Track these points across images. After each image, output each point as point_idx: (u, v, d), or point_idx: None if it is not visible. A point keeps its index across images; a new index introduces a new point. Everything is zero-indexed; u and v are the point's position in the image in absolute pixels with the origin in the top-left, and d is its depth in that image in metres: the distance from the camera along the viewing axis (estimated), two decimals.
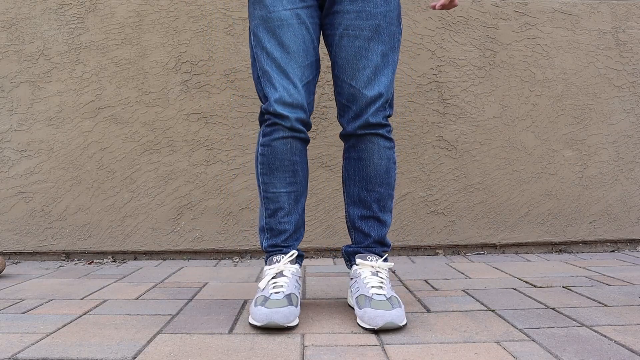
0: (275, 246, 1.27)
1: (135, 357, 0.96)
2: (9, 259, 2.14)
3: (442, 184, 2.16)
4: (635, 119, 2.24)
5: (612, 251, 2.22)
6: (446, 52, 2.17)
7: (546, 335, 1.06)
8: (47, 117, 2.12)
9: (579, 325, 1.13)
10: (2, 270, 1.77)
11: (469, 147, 2.17)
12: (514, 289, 1.49)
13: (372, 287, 1.17)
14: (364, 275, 1.22)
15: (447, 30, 2.17)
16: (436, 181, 2.16)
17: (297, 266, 1.25)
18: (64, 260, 2.13)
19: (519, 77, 2.19)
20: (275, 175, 1.25)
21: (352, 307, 1.27)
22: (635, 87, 2.24)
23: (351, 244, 1.33)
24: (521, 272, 1.76)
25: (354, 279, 1.25)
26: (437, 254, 2.17)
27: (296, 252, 1.25)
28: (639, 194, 2.24)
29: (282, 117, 1.20)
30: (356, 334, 1.08)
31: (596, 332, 1.08)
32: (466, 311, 1.25)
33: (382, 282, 1.19)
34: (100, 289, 1.56)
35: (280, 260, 1.24)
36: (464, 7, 2.18)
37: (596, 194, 2.22)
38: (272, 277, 1.20)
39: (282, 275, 1.20)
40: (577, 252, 2.20)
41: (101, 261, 2.09)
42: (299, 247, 2.09)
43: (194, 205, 2.11)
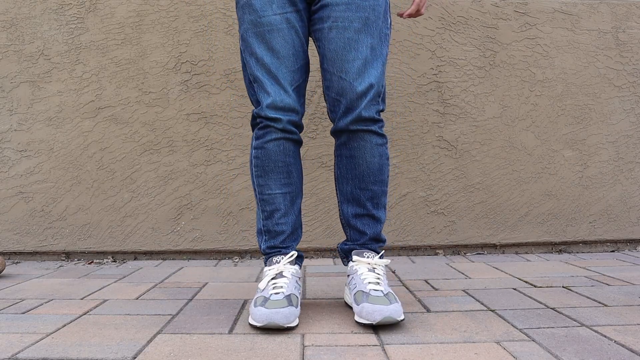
0: (273, 248, 1.27)
1: (135, 357, 0.96)
2: (9, 259, 2.14)
3: (442, 184, 2.16)
4: (635, 119, 2.24)
5: (612, 251, 2.22)
6: (446, 52, 2.17)
7: (546, 335, 1.06)
8: (47, 117, 2.12)
9: (579, 325, 1.13)
10: (2, 270, 1.77)
11: (469, 147, 2.17)
12: (514, 289, 1.49)
13: (369, 283, 1.17)
14: (360, 271, 1.22)
15: (447, 30, 2.17)
16: (436, 181, 2.16)
17: (297, 267, 1.25)
18: (64, 260, 2.13)
19: (519, 77, 2.19)
20: (269, 176, 1.25)
21: (349, 305, 1.27)
22: (635, 87, 2.24)
23: (346, 240, 1.33)
24: (521, 272, 1.76)
25: (350, 276, 1.25)
26: (437, 254, 2.17)
27: (296, 253, 1.25)
28: (639, 194, 2.24)
29: (275, 119, 1.21)
30: (356, 334, 1.08)
31: (596, 332, 1.08)
32: (466, 311, 1.25)
33: (379, 278, 1.20)
34: (100, 289, 1.56)
35: (280, 260, 1.24)
36: (464, 7, 2.18)
37: (596, 194, 2.22)
38: (272, 278, 1.20)
39: (282, 275, 1.20)
40: (577, 252, 2.20)
41: (101, 261, 2.09)
42: (299, 247, 2.10)
43: (194, 205, 2.11)
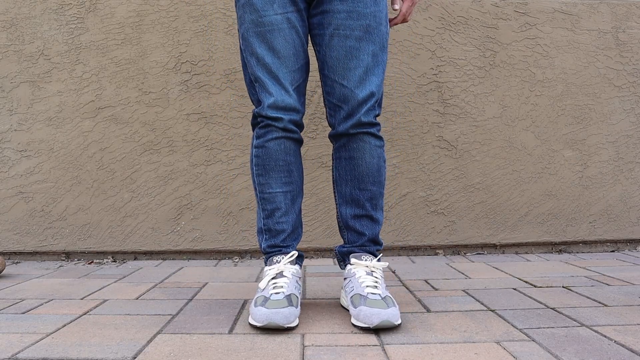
0: (274, 246, 1.27)
1: (135, 357, 0.96)
2: (9, 259, 2.14)
3: (442, 184, 2.16)
4: (635, 119, 2.24)
5: (612, 251, 2.22)
6: (446, 52, 2.17)
7: (546, 335, 1.06)
8: (47, 117, 2.12)
9: (579, 325, 1.13)
10: (2, 270, 1.77)
11: (469, 147, 2.17)
12: (514, 289, 1.49)
13: (367, 286, 1.17)
14: (358, 274, 1.22)
15: (447, 30, 2.17)
16: (436, 181, 2.16)
17: (297, 267, 1.25)
18: (64, 260, 2.13)
19: (519, 77, 2.19)
20: (270, 175, 1.25)
21: (345, 307, 1.27)
22: (635, 87, 2.24)
23: (344, 243, 1.33)
24: (521, 272, 1.76)
25: (347, 279, 1.25)
26: (437, 254, 2.17)
27: (296, 253, 1.25)
28: (639, 194, 2.24)
29: (276, 119, 1.21)
30: (356, 334, 1.08)
31: (596, 332, 1.08)
32: (466, 311, 1.25)
33: (376, 281, 1.19)
34: (100, 289, 1.56)
35: (280, 260, 1.24)
36: (464, 7, 2.18)
37: (596, 194, 2.22)
38: (273, 278, 1.20)
39: (282, 275, 1.20)
40: (577, 252, 2.20)
41: (101, 261, 2.09)
42: (299, 247, 2.09)
43: (194, 205, 2.11)
